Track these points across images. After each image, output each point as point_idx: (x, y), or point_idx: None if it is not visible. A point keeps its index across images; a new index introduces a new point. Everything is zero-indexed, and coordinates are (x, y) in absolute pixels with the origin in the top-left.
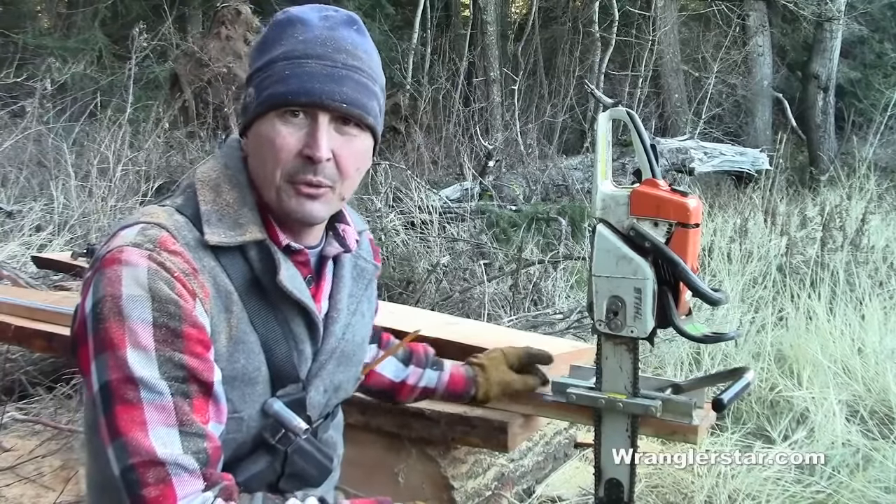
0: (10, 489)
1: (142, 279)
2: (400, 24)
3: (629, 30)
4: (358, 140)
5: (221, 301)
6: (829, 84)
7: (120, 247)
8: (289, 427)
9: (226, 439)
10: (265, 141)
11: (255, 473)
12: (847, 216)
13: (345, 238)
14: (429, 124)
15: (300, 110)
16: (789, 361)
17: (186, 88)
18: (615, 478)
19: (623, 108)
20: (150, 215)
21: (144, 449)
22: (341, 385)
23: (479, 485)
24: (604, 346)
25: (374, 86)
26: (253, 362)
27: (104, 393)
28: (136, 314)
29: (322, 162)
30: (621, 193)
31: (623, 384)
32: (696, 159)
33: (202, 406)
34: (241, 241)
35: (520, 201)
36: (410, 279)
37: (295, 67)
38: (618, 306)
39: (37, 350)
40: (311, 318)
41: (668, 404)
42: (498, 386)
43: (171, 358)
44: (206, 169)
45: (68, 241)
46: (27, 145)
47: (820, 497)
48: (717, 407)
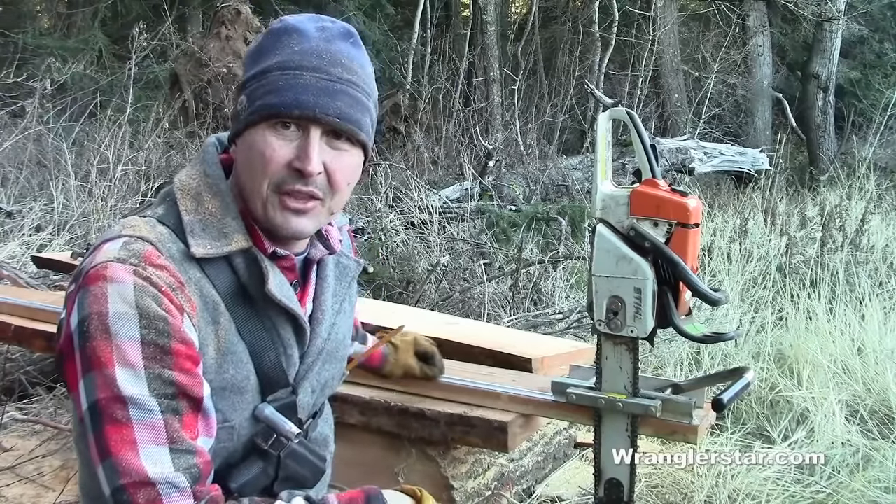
0: (10, 489)
1: (128, 296)
2: (400, 24)
3: (629, 30)
4: (349, 155)
5: (209, 313)
6: (828, 84)
7: (104, 262)
8: (281, 432)
9: (217, 449)
10: (255, 151)
11: (249, 479)
12: (847, 216)
13: (328, 240)
14: (429, 124)
15: (292, 122)
16: (789, 361)
17: (186, 88)
18: (615, 478)
19: (623, 108)
20: (133, 228)
21: (135, 469)
22: (328, 383)
23: (479, 485)
24: (604, 346)
25: (367, 101)
26: (242, 371)
27: (93, 412)
28: (124, 332)
29: (313, 175)
30: (621, 193)
31: (623, 384)
32: (695, 159)
33: (192, 422)
34: (227, 252)
35: (520, 201)
36: (410, 279)
37: (289, 79)
38: (618, 306)
39: (37, 350)
40: (298, 323)
41: (667, 404)
42: (401, 369)
43: (160, 375)
44: (185, 177)
45: (68, 241)
46: (27, 145)
47: (820, 497)
48: (717, 407)
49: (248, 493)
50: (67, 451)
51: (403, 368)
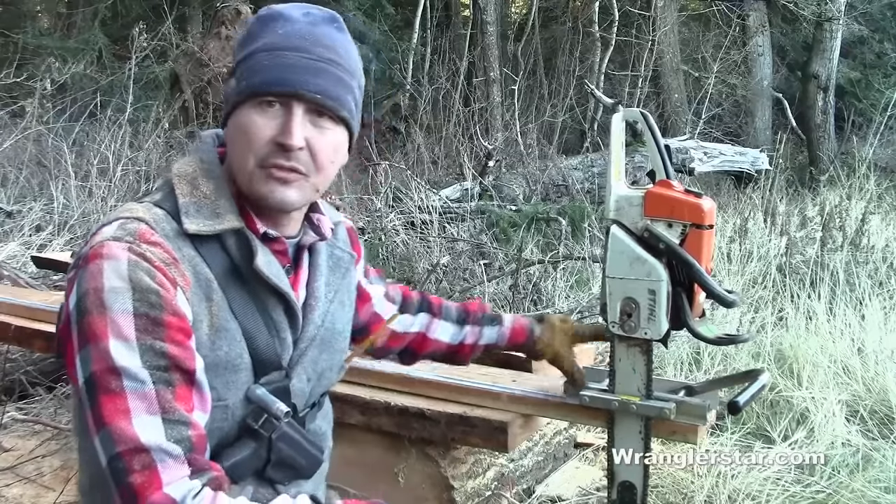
0: (10, 489)
1: (122, 271)
2: (400, 24)
3: (629, 30)
4: (332, 133)
5: (202, 289)
6: (828, 84)
7: (101, 242)
8: (270, 411)
9: (212, 428)
10: (241, 130)
11: (241, 460)
12: (847, 216)
13: (320, 227)
14: (429, 124)
15: (276, 100)
16: (789, 361)
17: (186, 88)
18: (628, 480)
19: (638, 109)
20: (129, 210)
21: (129, 437)
22: (324, 373)
23: (479, 485)
24: (617, 348)
25: (350, 80)
26: (235, 349)
27: (89, 385)
28: (118, 305)
29: (294, 150)
30: (635, 195)
31: (636, 386)
32: (696, 159)
33: (185, 394)
34: (220, 230)
35: (520, 201)
36: (410, 279)
37: (273, 58)
38: (631, 308)
39: (37, 350)
40: (289, 305)
41: (681, 406)
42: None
43: (152, 346)
44: (182, 164)
45: (68, 241)
46: (27, 145)
47: (820, 497)
48: (733, 410)
49: (239, 474)
50: (67, 451)
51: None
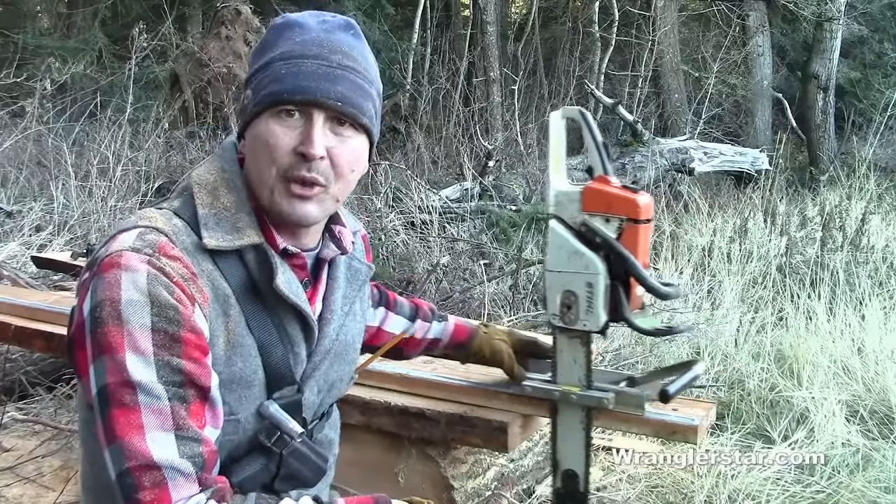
0: (10, 489)
1: (141, 284)
2: (400, 24)
3: (629, 30)
4: (353, 141)
5: (220, 305)
6: (828, 84)
7: (119, 251)
8: (284, 430)
9: (222, 441)
10: (261, 140)
11: (251, 475)
12: (847, 216)
13: (341, 240)
14: (429, 124)
15: (296, 109)
16: (789, 361)
17: (186, 88)
18: (571, 468)
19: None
20: (149, 219)
21: (141, 453)
22: (334, 384)
23: (479, 485)
24: (558, 340)
25: (369, 88)
26: (250, 365)
27: (102, 396)
28: (136, 319)
29: (316, 160)
30: (574, 190)
31: (577, 377)
32: (695, 159)
33: (199, 411)
34: (239, 246)
35: (520, 201)
36: (410, 279)
37: (291, 67)
38: (571, 300)
39: (37, 350)
40: (306, 322)
41: (620, 397)
42: (490, 349)
43: (169, 363)
44: (203, 172)
45: (68, 241)
46: (27, 145)
47: (820, 497)
48: (664, 398)
49: (248, 488)
50: (67, 451)
51: (492, 350)
